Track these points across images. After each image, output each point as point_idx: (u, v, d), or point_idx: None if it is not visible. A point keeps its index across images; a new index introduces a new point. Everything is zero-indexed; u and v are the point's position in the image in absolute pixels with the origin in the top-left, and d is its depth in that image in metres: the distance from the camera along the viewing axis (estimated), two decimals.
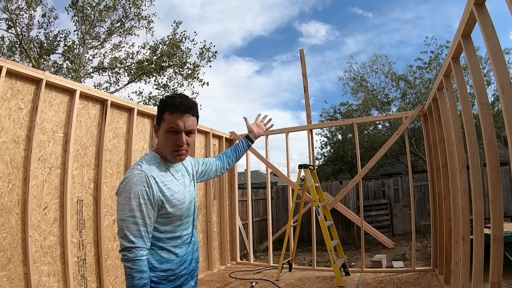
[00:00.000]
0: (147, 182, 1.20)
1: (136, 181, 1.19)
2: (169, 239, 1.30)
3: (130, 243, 1.16)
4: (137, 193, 1.18)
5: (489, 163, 2.09)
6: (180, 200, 1.31)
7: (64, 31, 11.45)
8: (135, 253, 1.16)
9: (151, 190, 1.20)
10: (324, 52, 36.58)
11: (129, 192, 1.18)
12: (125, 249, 1.16)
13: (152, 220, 1.22)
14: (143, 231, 1.18)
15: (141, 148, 3.92)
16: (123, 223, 1.17)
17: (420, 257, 5.97)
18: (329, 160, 19.22)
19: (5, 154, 2.55)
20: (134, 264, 1.16)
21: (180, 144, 1.28)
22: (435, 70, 12.87)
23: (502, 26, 19.61)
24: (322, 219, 4.16)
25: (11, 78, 2.63)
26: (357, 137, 4.88)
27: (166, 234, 1.29)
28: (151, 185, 1.21)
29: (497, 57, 1.88)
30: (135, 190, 1.18)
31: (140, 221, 1.18)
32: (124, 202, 1.18)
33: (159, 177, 1.25)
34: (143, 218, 1.18)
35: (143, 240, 1.19)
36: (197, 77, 12.91)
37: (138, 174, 1.21)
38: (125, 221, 1.17)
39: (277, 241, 8.31)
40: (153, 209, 1.21)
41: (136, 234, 1.17)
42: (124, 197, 1.19)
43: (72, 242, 2.97)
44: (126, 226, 1.17)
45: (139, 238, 1.18)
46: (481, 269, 2.25)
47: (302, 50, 5.56)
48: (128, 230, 1.16)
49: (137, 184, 1.19)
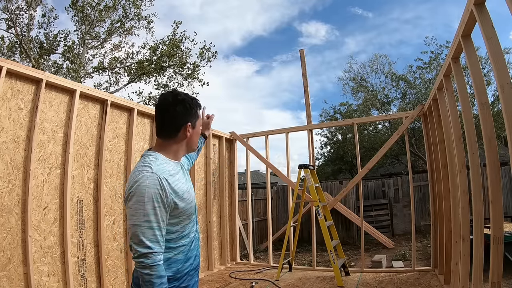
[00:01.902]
0: (160, 184, 1.17)
1: (149, 183, 1.16)
2: (180, 238, 1.31)
3: (147, 248, 1.12)
4: (151, 196, 1.14)
5: (489, 163, 2.09)
6: (189, 198, 1.32)
7: (64, 31, 11.47)
8: (153, 259, 1.13)
9: (165, 193, 1.18)
10: (324, 52, 36.60)
11: (142, 196, 1.14)
12: (141, 256, 1.12)
13: (165, 223, 1.20)
14: (158, 236, 1.16)
15: (141, 148, 3.92)
16: (138, 229, 1.13)
17: (420, 257, 5.97)
18: (329, 160, 19.22)
19: (5, 154, 2.55)
20: (153, 270, 1.12)
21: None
22: (435, 70, 12.87)
23: (502, 26, 19.60)
24: (322, 219, 4.16)
25: (11, 78, 2.63)
26: (357, 137, 4.88)
27: (177, 234, 1.30)
28: (165, 188, 1.18)
29: (497, 57, 1.88)
30: (149, 193, 1.14)
31: (155, 225, 1.15)
32: (137, 206, 1.14)
33: (170, 178, 1.23)
34: (157, 222, 1.15)
35: (159, 245, 1.16)
36: (197, 77, 12.92)
37: (150, 177, 1.17)
38: (140, 226, 1.13)
39: (277, 241, 8.31)
40: (166, 212, 1.19)
41: (152, 239, 1.14)
42: (136, 201, 1.14)
43: (72, 242, 2.97)
44: (142, 231, 1.13)
45: (156, 243, 1.14)
46: (481, 269, 2.25)
47: (302, 50, 5.56)
48: (144, 236, 1.12)
49: (150, 187, 1.15)
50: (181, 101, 1.33)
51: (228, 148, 5.72)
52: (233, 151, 5.77)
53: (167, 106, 1.33)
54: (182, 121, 1.33)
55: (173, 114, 1.32)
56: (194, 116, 1.37)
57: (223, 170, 5.47)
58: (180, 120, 1.33)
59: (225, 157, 5.54)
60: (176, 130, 1.33)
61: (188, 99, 1.36)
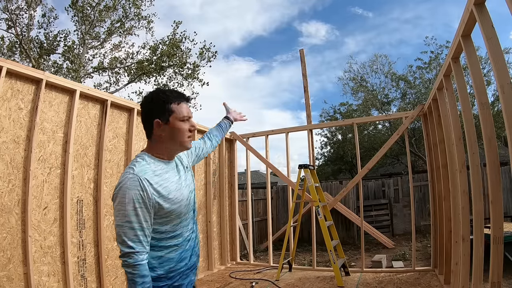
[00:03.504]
0: (140, 185, 1.19)
1: (129, 185, 1.18)
2: (171, 238, 1.31)
3: (128, 248, 1.16)
4: (131, 197, 1.17)
5: (489, 163, 2.09)
6: (177, 198, 1.30)
7: (64, 31, 11.47)
8: (135, 258, 1.16)
9: (146, 194, 1.19)
10: (324, 52, 36.63)
11: (124, 197, 1.17)
12: (124, 255, 1.16)
13: (149, 223, 1.21)
14: (140, 236, 1.18)
15: (141, 148, 3.92)
16: (120, 229, 1.17)
17: (420, 257, 5.97)
18: (329, 160, 19.23)
19: (5, 154, 2.55)
20: (135, 269, 1.16)
21: (193, 128, 1.35)
22: (435, 70, 12.87)
23: (502, 26, 19.59)
24: (322, 219, 4.16)
25: (11, 78, 2.63)
26: (357, 137, 4.88)
27: (167, 234, 1.30)
28: (145, 188, 1.20)
29: (497, 57, 1.88)
30: (129, 194, 1.17)
31: (137, 225, 1.17)
32: (119, 207, 1.18)
33: (153, 178, 1.24)
34: (139, 222, 1.18)
35: (142, 245, 1.18)
36: (197, 77, 12.91)
37: (131, 178, 1.20)
38: (122, 226, 1.17)
39: (277, 241, 8.31)
40: (148, 212, 1.21)
41: (134, 239, 1.17)
42: (118, 202, 1.19)
43: (72, 242, 2.97)
44: (123, 231, 1.16)
45: (138, 243, 1.17)
46: (481, 269, 2.25)
47: (302, 50, 5.56)
48: (125, 236, 1.16)
49: (130, 188, 1.18)
50: (149, 98, 1.34)
51: (228, 148, 5.73)
52: (233, 151, 5.77)
53: (141, 106, 1.37)
54: (150, 119, 1.31)
55: (144, 112, 1.35)
56: (163, 112, 1.30)
57: (223, 170, 5.47)
58: (149, 118, 1.31)
59: (225, 157, 5.54)
60: (149, 128, 1.34)
61: (156, 95, 1.33)
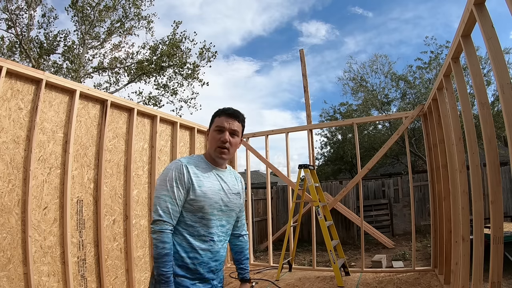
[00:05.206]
0: (181, 169, 1.43)
1: (172, 167, 1.44)
2: (198, 235, 1.43)
3: (158, 216, 1.36)
4: (172, 176, 1.41)
5: (489, 163, 2.09)
6: (205, 193, 1.44)
7: (64, 31, 11.47)
8: (161, 226, 1.35)
9: (183, 176, 1.42)
10: (324, 52, 36.63)
11: (166, 175, 1.42)
12: (153, 222, 1.37)
13: (181, 201, 1.41)
14: (171, 209, 1.38)
15: (141, 148, 3.92)
16: (156, 200, 1.39)
17: (420, 257, 5.97)
18: (329, 160, 19.21)
19: (5, 154, 2.55)
20: (159, 235, 1.34)
21: (224, 140, 1.48)
22: (435, 70, 12.86)
23: (502, 26, 19.64)
24: (322, 219, 4.16)
25: (11, 78, 2.63)
26: (357, 137, 4.88)
27: (193, 228, 1.43)
28: (183, 172, 1.42)
29: (497, 57, 1.88)
30: (170, 174, 1.41)
31: (170, 199, 1.38)
32: (160, 183, 1.42)
33: (193, 169, 1.45)
34: (173, 198, 1.39)
35: (170, 217, 1.38)
36: (197, 77, 12.91)
37: (175, 163, 1.46)
38: (159, 198, 1.39)
39: (277, 241, 8.31)
40: (182, 191, 1.41)
41: (165, 209, 1.37)
42: (161, 179, 1.43)
43: (72, 242, 2.97)
44: (158, 202, 1.38)
45: (167, 214, 1.37)
46: (481, 269, 2.25)
47: (302, 50, 5.56)
48: (159, 205, 1.38)
49: (172, 169, 1.43)
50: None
51: None
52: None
53: None
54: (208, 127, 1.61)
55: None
56: (211, 122, 1.58)
57: None
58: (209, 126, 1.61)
59: None
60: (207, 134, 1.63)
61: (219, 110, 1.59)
